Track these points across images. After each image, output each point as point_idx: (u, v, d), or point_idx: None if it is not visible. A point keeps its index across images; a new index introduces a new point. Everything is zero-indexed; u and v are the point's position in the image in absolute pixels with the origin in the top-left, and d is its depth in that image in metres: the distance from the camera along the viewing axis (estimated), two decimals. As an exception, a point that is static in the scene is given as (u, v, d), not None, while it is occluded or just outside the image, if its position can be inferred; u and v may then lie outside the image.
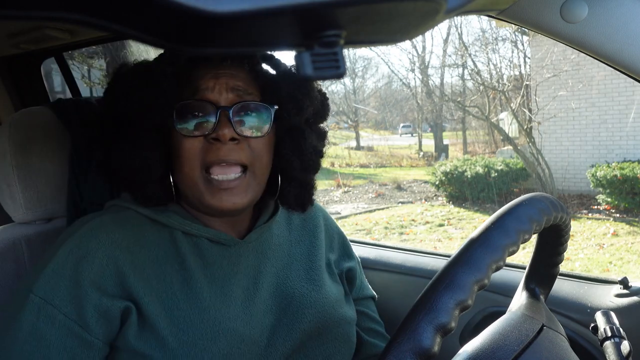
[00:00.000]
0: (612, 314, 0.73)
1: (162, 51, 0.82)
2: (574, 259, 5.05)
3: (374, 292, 1.10)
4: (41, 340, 0.69)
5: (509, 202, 0.61)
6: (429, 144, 16.07)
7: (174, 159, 0.79)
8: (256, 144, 0.79)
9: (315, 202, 0.99)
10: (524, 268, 0.80)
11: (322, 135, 0.90)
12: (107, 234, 0.76)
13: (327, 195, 9.78)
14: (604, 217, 6.65)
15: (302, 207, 0.91)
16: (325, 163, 0.94)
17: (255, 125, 0.78)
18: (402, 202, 8.79)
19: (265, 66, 0.84)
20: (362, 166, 13.80)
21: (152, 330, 0.72)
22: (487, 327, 0.61)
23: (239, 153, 0.76)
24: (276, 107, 0.80)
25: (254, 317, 0.80)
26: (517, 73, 10.22)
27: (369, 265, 1.36)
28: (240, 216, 0.86)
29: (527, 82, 8.97)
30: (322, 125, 0.90)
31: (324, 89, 0.89)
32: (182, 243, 0.80)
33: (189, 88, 0.77)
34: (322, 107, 0.87)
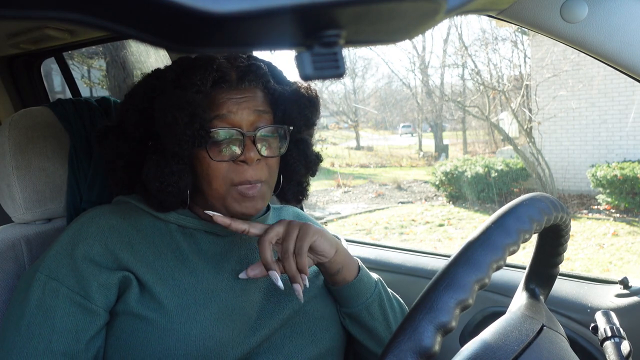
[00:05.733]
0: (612, 314, 0.73)
1: (162, 51, 0.84)
2: (574, 259, 5.05)
3: None
4: (47, 311, 0.77)
5: (509, 202, 0.61)
6: (429, 144, 16.05)
7: (201, 176, 0.84)
8: (272, 160, 0.87)
9: (303, 213, 1.10)
10: (524, 268, 0.80)
11: (313, 134, 0.98)
12: (106, 220, 0.84)
13: (327, 195, 9.78)
14: (604, 217, 6.65)
15: (297, 201, 1.00)
16: (325, 163, 0.99)
17: (275, 146, 0.87)
18: (402, 202, 8.79)
19: (274, 83, 0.89)
20: (362, 166, 13.79)
21: (151, 295, 0.80)
22: (487, 327, 0.61)
23: (260, 172, 0.84)
24: (291, 128, 0.87)
25: (245, 292, 0.86)
26: (517, 73, 10.21)
27: (369, 265, 1.36)
28: None
29: (527, 82, 8.97)
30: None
31: (324, 89, 0.93)
32: (176, 233, 0.87)
33: (214, 113, 0.82)
34: (320, 115, 0.94)
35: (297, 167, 0.93)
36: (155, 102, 0.81)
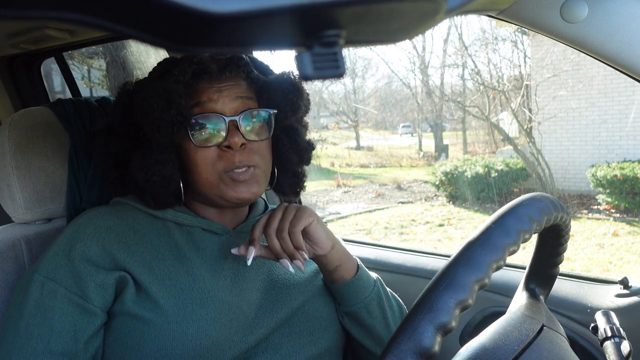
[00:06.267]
0: (612, 314, 0.73)
1: (162, 51, 0.85)
2: (574, 259, 5.05)
3: None
4: (45, 312, 0.77)
5: (509, 202, 0.61)
6: (429, 144, 16.04)
7: (189, 167, 0.85)
8: (260, 145, 0.87)
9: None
10: (524, 268, 0.80)
11: (307, 127, 0.98)
12: (103, 221, 0.84)
13: (327, 195, 9.78)
14: (604, 217, 6.65)
15: (295, 194, 1.00)
16: (325, 163, 0.99)
17: (260, 130, 0.86)
18: (402, 202, 8.79)
19: (258, 73, 0.90)
20: (362, 166, 13.77)
21: (147, 295, 0.80)
22: (487, 327, 0.61)
23: (248, 157, 0.84)
24: (275, 111, 0.87)
25: (242, 291, 0.86)
26: (517, 73, 10.21)
27: (369, 265, 1.36)
28: (238, 210, 0.94)
29: (527, 82, 8.96)
30: (306, 118, 0.99)
31: (324, 89, 0.93)
32: (174, 231, 0.87)
33: (196, 101, 0.84)
34: (308, 104, 0.94)
35: (289, 155, 0.93)
36: (136, 95, 0.83)
